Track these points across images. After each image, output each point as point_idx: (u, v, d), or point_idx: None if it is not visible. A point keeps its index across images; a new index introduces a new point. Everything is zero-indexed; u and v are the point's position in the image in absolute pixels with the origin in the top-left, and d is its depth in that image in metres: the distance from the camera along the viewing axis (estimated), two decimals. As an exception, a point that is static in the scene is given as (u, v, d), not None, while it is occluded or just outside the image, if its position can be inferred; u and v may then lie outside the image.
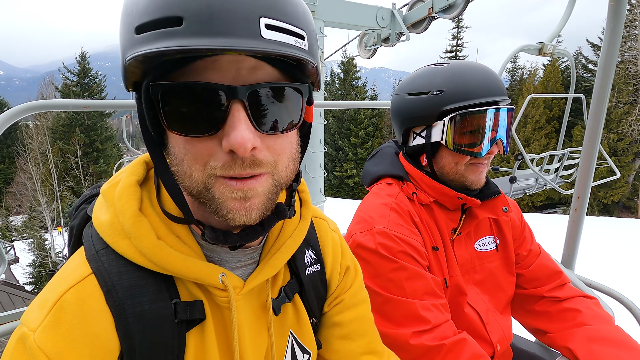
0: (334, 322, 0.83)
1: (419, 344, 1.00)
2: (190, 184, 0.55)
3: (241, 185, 0.54)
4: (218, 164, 0.53)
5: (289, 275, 0.77)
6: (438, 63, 1.16)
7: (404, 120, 1.19)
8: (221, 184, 0.54)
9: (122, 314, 0.57)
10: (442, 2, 3.33)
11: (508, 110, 1.10)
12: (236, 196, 0.54)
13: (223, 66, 0.51)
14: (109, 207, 0.63)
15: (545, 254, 1.36)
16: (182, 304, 0.61)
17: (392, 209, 1.15)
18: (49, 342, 0.53)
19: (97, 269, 0.59)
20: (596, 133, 1.38)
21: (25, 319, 0.56)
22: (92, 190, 0.79)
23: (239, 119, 0.51)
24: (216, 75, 0.51)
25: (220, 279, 0.61)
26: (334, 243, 0.86)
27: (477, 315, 1.18)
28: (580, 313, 1.18)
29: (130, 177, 0.65)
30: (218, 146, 0.52)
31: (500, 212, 1.20)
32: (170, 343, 0.60)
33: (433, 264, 1.14)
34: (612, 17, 1.23)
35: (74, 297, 0.56)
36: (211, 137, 0.52)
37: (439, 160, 1.17)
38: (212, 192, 0.54)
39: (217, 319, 0.65)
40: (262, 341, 0.71)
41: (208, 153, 0.53)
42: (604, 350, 1.04)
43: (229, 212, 0.55)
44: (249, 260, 0.69)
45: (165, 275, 0.61)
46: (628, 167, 24.52)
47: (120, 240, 0.59)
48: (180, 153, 0.54)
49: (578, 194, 1.51)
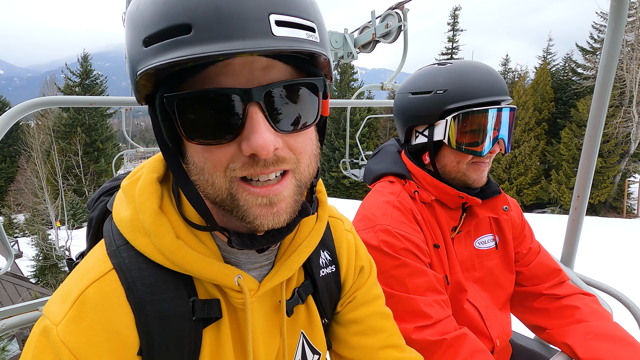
0: (349, 319, 0.83)
1: (420, 338, 1.02)
2: (213, 192, 0.54)
3: (266, 192, 0.53)
4: (237, 165, 0.52)
5: (303, 277, 0.77)
6: (441, 62, 1.18)
7: (406, 119, 1.20)
8: (244, 190, 0.53)
9: (142, 310, 0.58)
10: (381, 30, 4.28)
11: (510, 110, 1.12)
12: (261, 203, 0.54)
13: (235, 69, 0.50)
14: (129, 204, 0.63)
15: (544, 252, 1.38)
16: (200, 302, 0.62)
17: (395, 207, 1.16)
18: (72, 336, 0.54)
19: (118, 265, 0.60)
20: (596, 133, 1.39)
21: (48, 312, 0.57)
22: (112, 182, 0.79)
23: (258, 121, 0.50)
24: (230, 79, 0.50)
25: (237, 281, 0.62)
26: (349, 244, 0.85)
27: (476, 312, 1.20)
28: (578, 310, 1.19)
29: (151, 174, 0.64)
30: (237, 150, 0.52)
31: (501, 211, 1.21)
32: (187, 340, 0.61)
33: (434, 261, 1.16)
34: (613, 17, 1.24)
35: (96, 292, 0.57)
36: (229, 143, 0.52)
37: (441, 159, 1.18)
38: (237, 199, 0.54)
39: (232, 318, 0.66)
40: (274, 341, 0.71)
41: (227, 159, 0.52)
42: (601, 346, 1.06)
43: (255, 219, 0.54)
44: (265, 262, 0.69)
45: (184, 274, 0.61)
46: (613, 168, 25.16)
47: (140, 238, 0.60)
48: (200, 162, 0.54)
49: (578, 192, 1.53)
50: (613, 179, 25.05)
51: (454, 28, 33.78)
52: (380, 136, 35.43)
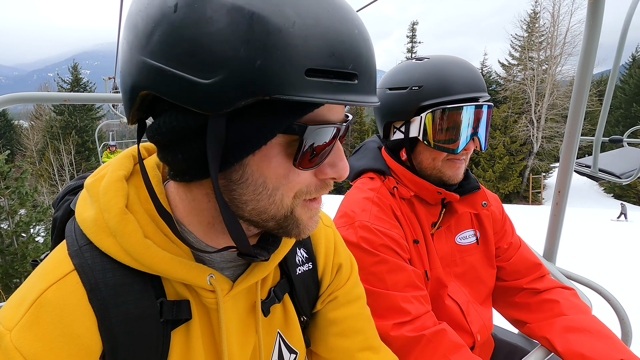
0: (329, 319, 0.82)
1: (399, 335, 1.01)
2: (276, 212, 0.57)
3: (317, 205, 0.60)
4: (312, 189, 0.58)
5: (279, 275, 0.76)
6: (419, 57, 1.17)
7: (384, 114, 1.20)
8: (305, 206, 0.59)
9: (105, 313, 0.55)
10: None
11: (488, 107, 1.12)
12: (312, 215, 0.60)
13: (336, 108, 0.56)
14: (93, 203, 0.60)
15: (525, 247, 1.39)
16: (168, 303, 0.60)
17: (374, 203, 1.16)
18: (27, 341, 0.51)
19: (80, 266, 0.56)
20: (575, 129, 1.41)
21: (2, 317, 0.54)
22: (77, 181, 0.76)
23: (341, 150, 0.58)
24: (334, 115, 0.56)
25: (209, 280, 0.60)
26: (327, 240, 0.84)
27: (457, 307, 1.21)
28: (558, 304, 1.21)
29: (116, 171, 0.62)
30: (311, 174, 0.57)
31: (480, 207, 1.22)
32: (154, 342, 0.58)
33: (414, 256, 1.16)
34: (591, 15, 1.25)
35: (55, 295, 0.54)
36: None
37: (417, 156, 1.18)
38: (294, 215, 0.58)
39: (203, 318, 0.64)
40: (249, 341, 0.70)
41: (302, 182, 0.56)
42: (579, 339, 1.07)
43: (304, 229, 0.60)
44: (239, 261, 0.67)
45: (151, 274, 0.59)
46: (520, 164, 31.35)
47: (104, 238, 0.57)
48: (276, 182, 0.55)
49: (559, 188, 1.54)
50: (520, 173, 31.57)
51: (412, 40, 38.73)
52: (351, 135, 40.68)
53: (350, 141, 41.99)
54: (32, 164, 26.61)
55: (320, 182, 0.58)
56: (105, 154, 12.68)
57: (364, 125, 42.50)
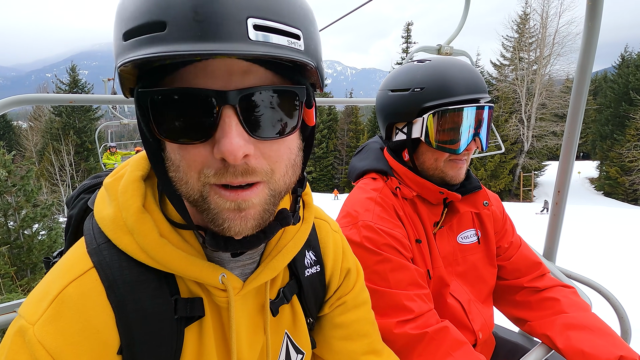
0: (336, 323, 0.84)
1: (402, 332, 1.03)
2: (187, 191, 0.54)
3: (235, 196, 0.52)
4: (211, 172, 0.51)
5: (288, 277, 0.77)
6: (421, 60, 1.19)
7: (386, 115, 1.22)
8: (215, 193, 0.53)
9: (123, 309, 0.57)
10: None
11: (488, 108, 1.14)
12: (230, 207, 0.53)
13: (214, 71, 0.49)
14: (112, 202, 0.62)
15: (525, 246, 1.41)
16: (182, 301, 0.62)
17: (377, 203, 1.17)
18: (49, 335, 0.53)
19: (98, 263, 0.59)
20: (575, 129, 1.42)
21: (24, 312, 0.56)
22: (92, 180, 0.78)
23: (230, 125, 0.49)
24: (208, 80, 0.49)
25: (221, 280, 0.61)
26: (335, 245, 0.85)
27: (459, 305, 1.22)
28: (558, 302, 1.22)
29: (134, 172, 0.64)
30: (211, 153, 0.51)
31: (481, 206, 1.23)
32: (169, 338, 0.60)
33: (416, 256, 1.17)
34: (589, 16, 1.26)
35: (75, 291, 0.56)
36: (204, 144, 0.51)
37: (419, 156, 1.20)
38: (208, 201, 0.53)
39: (215, 316, 0.66)
40: (258, 340, 0.71)
41: (201, 160, 0.52)
42: (579, 336, 1.09)
43: (224, 222, 0.54)
44: (248, 261, 0.69)
45: (166, 272, 0.61)
46: (510, 162, 32.63)
47: (122, 236, 0.59)
48: (176, 159, 0.53)
49: (559, 188, 1.56)
50: (510, 171, 32.85)
51: (407, 41, 40.09)
52: (338, 137, 42.68)
53: (346, 141, 42.54)
54: (32, 164, 27.21)
55: (220, 165, 0.51)
56: (105, 155, 12.67)
57: (360, 125, 43.41)
